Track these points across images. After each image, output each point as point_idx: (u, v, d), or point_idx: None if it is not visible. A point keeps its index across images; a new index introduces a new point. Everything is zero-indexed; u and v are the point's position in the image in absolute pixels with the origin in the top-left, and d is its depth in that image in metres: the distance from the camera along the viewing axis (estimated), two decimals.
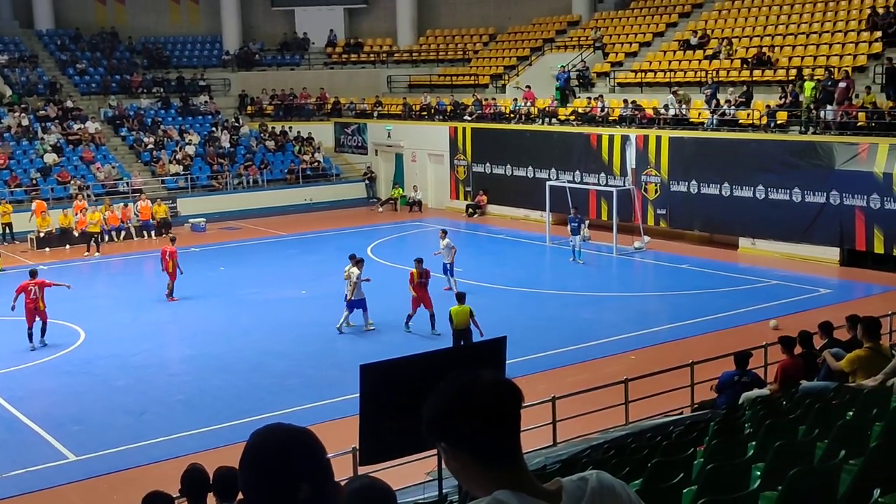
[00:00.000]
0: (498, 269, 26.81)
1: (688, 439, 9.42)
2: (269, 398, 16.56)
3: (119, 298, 24.88)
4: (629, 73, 35.95)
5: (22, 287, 20.21)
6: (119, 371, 18.49)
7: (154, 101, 43.22)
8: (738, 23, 35.31)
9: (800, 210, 26.65)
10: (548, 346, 19.08)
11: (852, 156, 25.33)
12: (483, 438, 2.34)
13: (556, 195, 30.84)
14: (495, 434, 2.34)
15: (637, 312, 21.96)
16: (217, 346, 19.99)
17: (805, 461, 6.94)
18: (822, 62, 30.10)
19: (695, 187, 29.32)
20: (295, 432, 2.46)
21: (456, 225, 35.36)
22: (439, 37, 47.47)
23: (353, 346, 19.62)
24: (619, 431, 12.65)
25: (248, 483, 2.42)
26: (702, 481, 6.92)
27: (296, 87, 45.49)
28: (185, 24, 48.87)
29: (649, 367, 15.67)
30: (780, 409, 10.24)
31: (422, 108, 40.65)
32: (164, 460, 13.77)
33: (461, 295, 18.36)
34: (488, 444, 2.34)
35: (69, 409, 16.44)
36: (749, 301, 22.40)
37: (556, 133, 34.08)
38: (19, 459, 14.13)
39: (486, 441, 2.34)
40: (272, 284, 25.62)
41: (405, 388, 8.75)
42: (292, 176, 40.60)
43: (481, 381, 2.38)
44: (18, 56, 42.67)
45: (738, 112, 29.48)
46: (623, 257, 28.58)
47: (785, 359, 12.56)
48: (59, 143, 38.23)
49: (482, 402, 2.35)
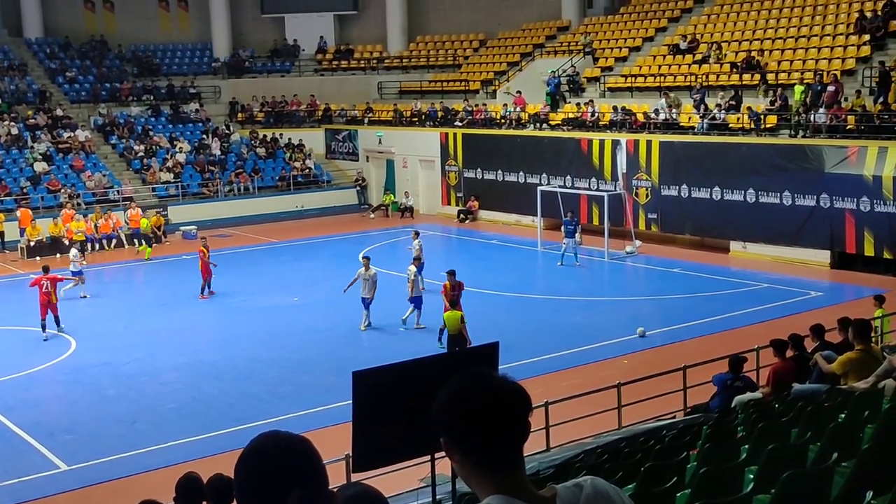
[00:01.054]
0: (490, 275, 26.80)
1: (681, 443, 9.43)
2: (262, 406, 16.54)
3: (110, 307, 24.80)
4: (619, 78, 36.03)
5: (36, 281, 21.74)
6: (111, 380, 18.44)
7: (144, 108, 43.15)
8: (728, 27, 35.44)
9: (790, 213, 26.73)
10: (540, 351, 19.09)
11: (842, 159, 25.43)
12: (479, 439, 2.35)
13: (548, 200, 30.88)
14: (492, 436, 2.35)
15: (629, 316, 21.98)
16: (209, 354, 19.95)
17: (798, 464, 6.96)
18: (812, 66, 30.23)
19: (686, 191, 29.39)
20: (290, 440, 2.47)
21: (448, 231, 35.40)
22: (429, 43, 47.52)
23: (346, 352, 19.59)
24: (613, 436, 12.65)
25: (241, 488, 2.44)
26: (695, 485, 6.92)
27: (286, 93, 45.47)
28: (174, 31, 48.81)
29: (642, 371, 15.68)
30: (772, 413, 10.26)
31: (412, 114, 40.68)
32: (157, 469, 13.74)
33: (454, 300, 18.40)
34: (483, 445, 2.35)
35: (61, 419, 16.39)
36: (740, 304, 22.46)
37: (546, 138, 34.13)
38: (11, 469, 14.07)
39: (481, 442, 2.35)
40: (264, 292, 25.57)
41: (398, 395, 8.76)
42: (283, 183, 40.57)
43: (486, 382, 2.39)
44: (7, 64, 42.58)
45: (727, 116, 29.57)
46: (615, 261, 28.62)
47: (777, 362, 12.58)
48: (49, 152, 38.13)
49: (482, 402, 2.35)
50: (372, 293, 21.18)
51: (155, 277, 27.53)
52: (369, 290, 21.16)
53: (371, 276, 21.17)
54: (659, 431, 11.72)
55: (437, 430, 2.40)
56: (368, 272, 21.22)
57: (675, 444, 9.32)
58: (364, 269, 21.34)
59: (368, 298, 21.19)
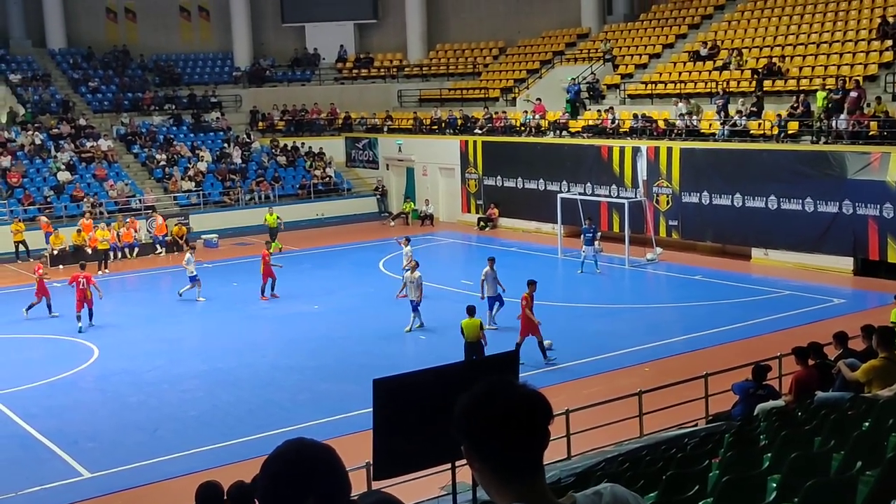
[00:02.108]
0: (510, 283, 26.71)
1: (703, 451, 9.37)
2: (282, 413, 16.57)
3: (132, 315, 24.94)
4: (639, 85, 35.95)
5: (73, 278, 23.26)
6: (132, 388, 18.53)
7: (166, 118, 43.44)
8: (748, 33, 35.28)
9: (812, 220, 26.56)
10: (561, 359, 19.04)
11: (864, 165, 25.25)
12: (497, 445, 2.35)
13: (568, 207, 30.83)
14: (510, 443, 2.34)
15: (650, 324, 21.89)
16: (230, 362, 20.02)
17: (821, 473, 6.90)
18: (833, 72, 30.03)
19: (706, 198, 29.26)
20: (313, 447, 2.49)
21: (468, 238, 35.38)
22: (449, 51, 47.60)
23: (366, 360, 19.58)
24: (634, 444, 12.59)
25: (263, 493, 2.47)
26: (717, 494, 6.87)
27: (307, 102, 45.65)
28: (196, 41, 49.14)
29: (663, 379, 15.61)
30: (795, 421, 10.18)
31: (432, 121, 40.74)
32: (178, 476, 13.78)
33: (471, 308, 18.32)
34: (502, 451, 2.35)
35: (83, 426, 16.48)
36: (762, 312, 22.31)
37: (566, 145, 34.08)
38: (34, 477, 14.15)
39: (499, 448, 2.35)
40: (284, 299, 25.64)
41: (419, 402, 8.76)
42: (304, 191, 40.71)
43: (508, 388, 2.39)
44: (31, 75, 42.96)
45: (748, 122, 29.43)
46: (635, 269, 28.52)
47: (800, 370, 12.49)
48: (72, 161, 38.43)
49: (502, 408, 2.35)
50: (418, 295, 21.84)
51: (175, 286, 27.64)
52: (414, 293, 21.83)
53: (416, 279, 21.92)
54: (681, 440, 11.65)
55: (458, 435, 2.40)
56: (413, 275, 21.98)
57: (696, 453, 9.26)
58: (410, 272, 22.18)
59: (415, 301, 21.86)
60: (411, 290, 21.90)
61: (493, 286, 21.92)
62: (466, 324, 17.87)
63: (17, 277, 29.58)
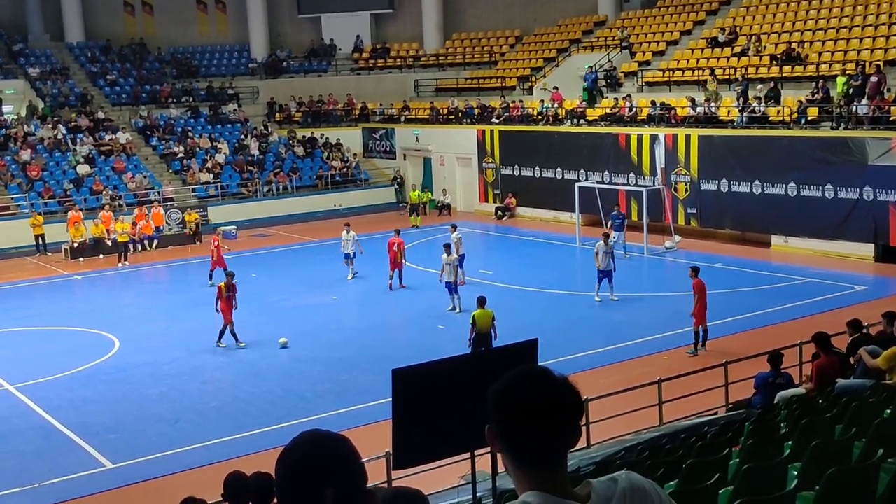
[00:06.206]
0: (528, 272, 26.75)
1: (723, 440, 9.34)
2: (303, 404, 16.64)
3: (152, 307, 25.07)
4: (657, 73, 35.76)
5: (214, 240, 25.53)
6: (153, 379, 18.64)
7: (183, 110, 43.57)
8: (767, 19, 35.02)
9: (833, 206, 26.38)
10: (580, 348, 19.01)
11: (885, 150, 25.04)
12: (519, 433, 2.34)
13: (586, 196, 30.74)
14: (532, 433, 2.34)
15: (669, 312, 21.80)
16: (249, 353, 20.10)
17: (842, 461, 6.86)
18: (853, 57, 29.78)
19: (725, 185, 29.11)
20: (328, 438, 2.48)
21: (485, 227, 35.35)
22: (465, 40, 47.50)
23: (385, 350, 19.62)
24: (654, 432, 12.57)
25: (279, 485, 2.47)
26: (738, 482, 6.85)
27: (323, 93, 45.69)
28: (213, 33, 49.26)
29: (682, 368, 15.57)
30: (816, 408, 10.14)
31: (449, 111, 40.69)
32: (199, 467, 13.87)
33: (482, 299, 18.21)
34: (522, 439, 2.35)
35: (104, 418, 16.59)
36: (783, 299, 22.20)
37: (584, 134, 33.97)
38: (56, 467, 14.27)
39: (520, 436, 2.35)
40: (303, 291, 25.71)
41: (437, 392, 8.76)
42: (321, 182, 40.77)
43: (542, 378, 2.38)
44: (50, 69, 43.21)
45: (767, 109, 29.22)
46: (654, 257, 28.42)
47: (821, 357, 12.42)
48: (91, 154, 38.63)
49: (531, 397, 2.34)
50: (454, 277, 22.53)
51: (195, 279, 27.76)
52: (451, 275, 22.46)
53: (452, 261, 22.71)
54: (700, 428, 11.62)
55: (486, 415, 2.41)
56: (450, 257, 22.67)
57: (717, 441, 9.24)
58: (445, 254, 22.73)
59: (452, 282, 22.47)
60: (448, 272, 22.50)
61: (606, 260, 22.61)
62: (479, 314, 17.77)
63: (37, 270, 29.78)
